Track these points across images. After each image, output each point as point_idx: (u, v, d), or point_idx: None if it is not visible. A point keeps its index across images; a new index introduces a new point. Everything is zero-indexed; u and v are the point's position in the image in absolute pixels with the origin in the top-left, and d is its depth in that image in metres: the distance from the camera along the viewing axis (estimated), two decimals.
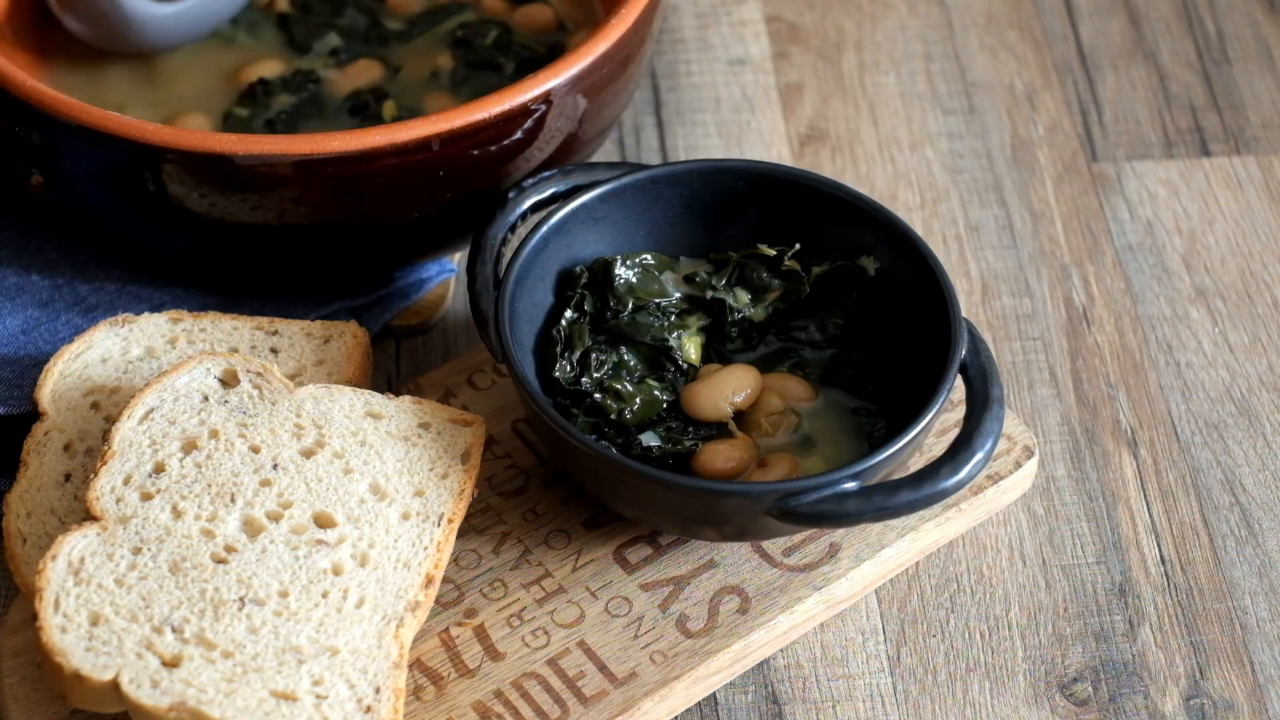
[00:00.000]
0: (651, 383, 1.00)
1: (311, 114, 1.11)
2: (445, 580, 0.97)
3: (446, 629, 0.95)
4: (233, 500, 0.92)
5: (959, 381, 1.03)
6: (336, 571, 0.90)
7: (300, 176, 0.98)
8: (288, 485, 0.93)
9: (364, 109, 1.10)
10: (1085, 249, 1.19)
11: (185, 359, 0.98)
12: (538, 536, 0.99)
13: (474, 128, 0.99)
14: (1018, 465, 1.02)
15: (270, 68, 1.13)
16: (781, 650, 0.99)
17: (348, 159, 0.98)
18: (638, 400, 0.98)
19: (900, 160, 1.24)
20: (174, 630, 0.87)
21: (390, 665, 0.88)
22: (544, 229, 1.01)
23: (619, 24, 1.03)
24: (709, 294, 1.03)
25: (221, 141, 0.97)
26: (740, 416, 0.99)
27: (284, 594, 0.89)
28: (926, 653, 0.99)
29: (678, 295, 1.03)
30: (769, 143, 1.25)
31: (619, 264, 1.02)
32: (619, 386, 0.99)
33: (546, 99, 1.01)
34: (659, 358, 1.01)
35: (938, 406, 0.93)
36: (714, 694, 0.97)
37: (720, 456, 0.96)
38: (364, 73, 1.13)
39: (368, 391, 0.97)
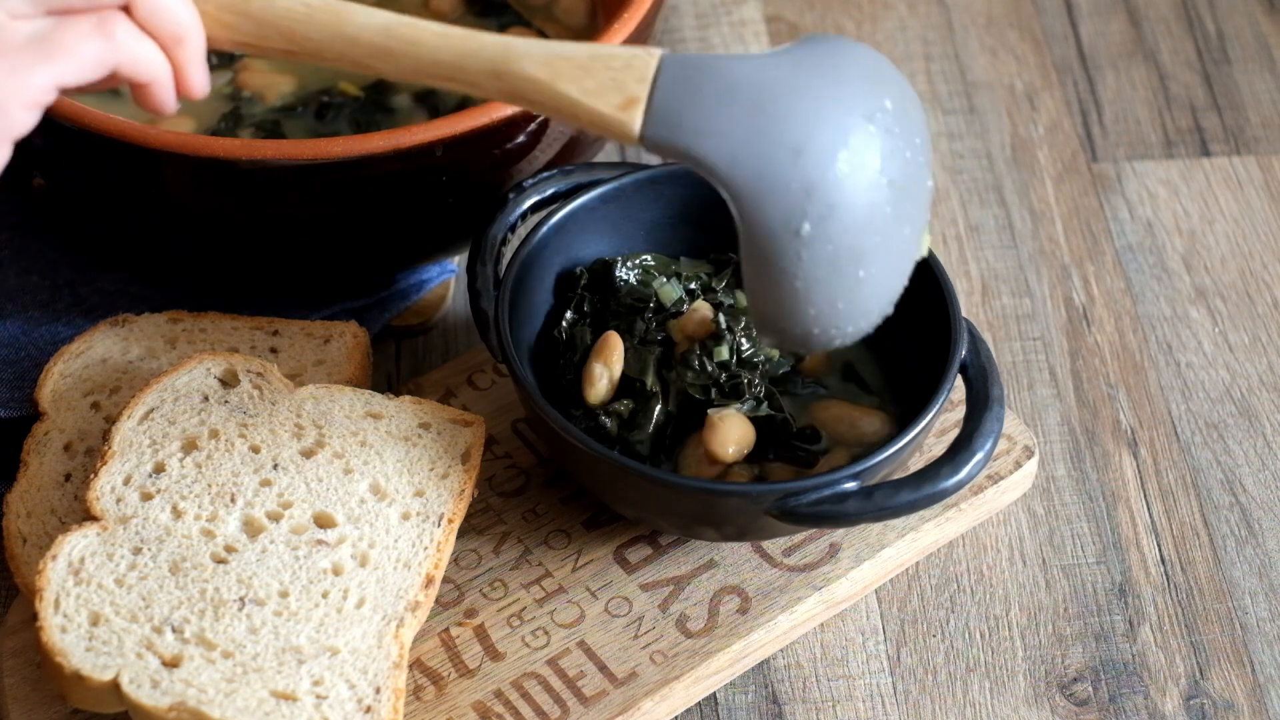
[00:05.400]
0: None
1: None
2: (445, 580, 0.97)
3: (446, 629, 0.95)
4: (233, 500, 0.92)
5: (959, 381, 1.03)
6: (337, 571, 0.90)
7: (303, 181, 0.98)
8: (288, 485, 0.93)
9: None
10: (1085, 249, 1.19)
11: (185, 359, 0.98)
12: (538, 536, 0.99)
13: (478, 132, 0.99)
14: (1018, 465, 1.02)
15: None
16: (781, 650, 0.99)
17: (351, 164, 0.98)
18: None
19: None
20: (174, 630, 0.87)
21: (390, 665, 0.88)
22: (544, 229, 1.01)
23: (622, 28, 1.03)
24: (709, 295, 1.03)
25: (224, 146, 0.97)
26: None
27: (284, 594, 0.89)
28: (926, 653, 0.99)
29: (678, 296, 1.03)
30: None
31: (619, 265, 1.02)
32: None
33: None
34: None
35: (938, 406, 0.93)
36: (714, 694, 0.97)
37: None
38: None
39: (368, 391, 0.97)
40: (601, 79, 0.83)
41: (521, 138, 1.01)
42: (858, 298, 0.85)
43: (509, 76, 0.84)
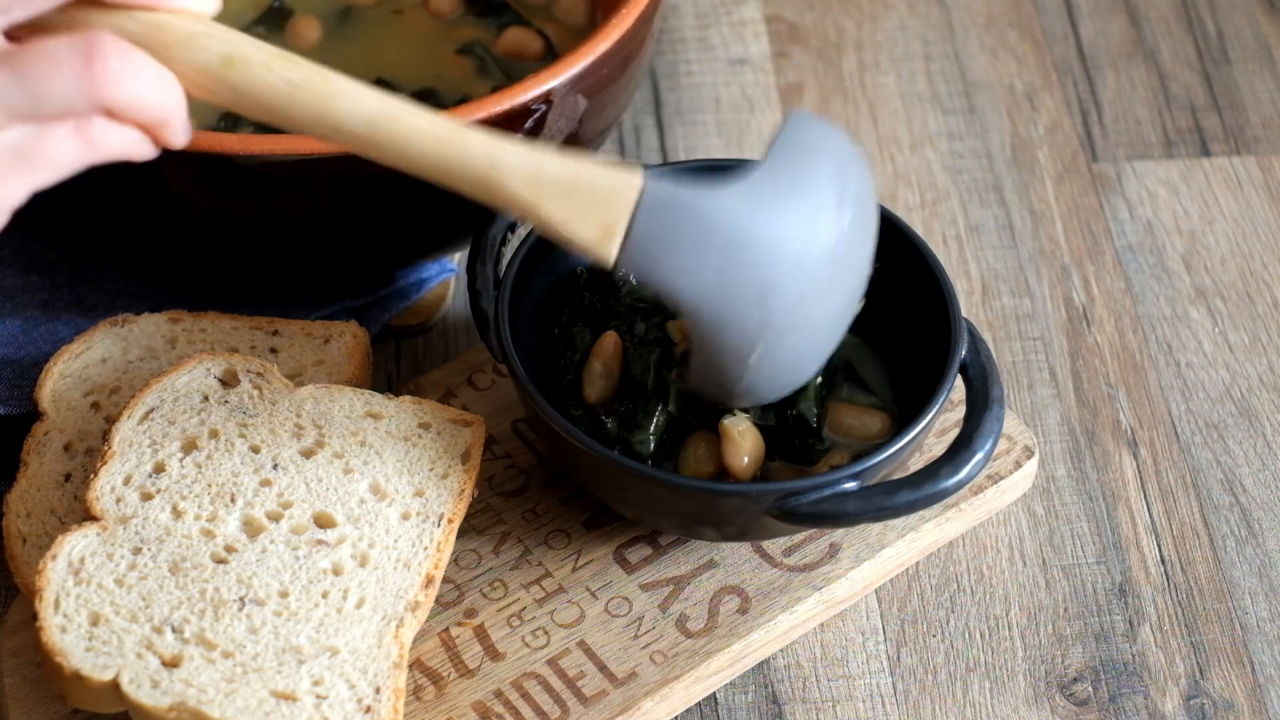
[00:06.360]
0: None
1: None
2: (445, 580, 0.97)
3: (446, 629, 0.95)
4: (233, 500, 0.92)
5: (959, 381, 1.03)
6: (336, 571, 0.90)
7: (301, 177, 0.98)
8: (288, 485, 0.93)
9: None
10: (1085, 249, 1.19)
11: (185, 359, 0.98)
12: (538, 536, 0.99)
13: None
14: (1018, 465, 1.02)
15: None
16: (781, 650, 0.99)
17: (349, 159, 0.97)
18: None
19: (900, 160, 1.24)
20: (174, 630, 0.87)
21: (390, 665, 0.88)
22: None
23: (619, 24, 1.03)
24: None
25: (222, 142, 0.97)
26: None
27: (284, 594, 0.89)
28: (926, 653, 0.99)
29: None
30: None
31: None
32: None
33: (547, 99, 1.01)
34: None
35: (938, 406, 0.93)
36: (714, 694, 0.97)
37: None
38: None
39: (368, 391, 0.97)
40: (583, 206, 0.86)
41: (518, 134, 1.01)
42: (793, 382, 0.93)
43: (494, 193, 0.86)
